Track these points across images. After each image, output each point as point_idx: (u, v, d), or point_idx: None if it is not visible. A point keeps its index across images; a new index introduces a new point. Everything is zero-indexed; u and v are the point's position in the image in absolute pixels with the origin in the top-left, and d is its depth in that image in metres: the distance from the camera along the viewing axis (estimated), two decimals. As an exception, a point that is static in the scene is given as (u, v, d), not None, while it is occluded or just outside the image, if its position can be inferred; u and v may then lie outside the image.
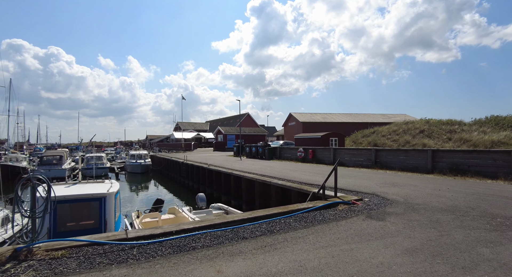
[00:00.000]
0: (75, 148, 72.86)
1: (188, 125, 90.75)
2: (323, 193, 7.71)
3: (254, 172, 14.94)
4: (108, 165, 32.17)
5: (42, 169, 26.99)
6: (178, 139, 57.63)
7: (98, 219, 7.92)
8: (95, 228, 7.86)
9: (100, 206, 7.98)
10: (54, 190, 4.62)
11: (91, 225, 7.94)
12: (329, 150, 19.40)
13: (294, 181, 11.33)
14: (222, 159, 26.05)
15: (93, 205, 8.05)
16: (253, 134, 48.69)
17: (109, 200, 8.11)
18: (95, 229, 7.86)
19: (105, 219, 7.93)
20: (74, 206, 7.89)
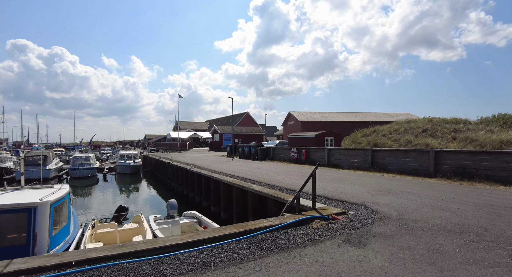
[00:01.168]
0: (72, 147, 72.03)
1: (188, 125, 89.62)
2: (298, 204, 6.28)
3: (237, 175, 13.52)
4: (96, 165, 30.90)
5: (26, 169, 25.75)
6: (174, 138, 56.41)
7: (26, 234, 6.56)
8: (21, 245, 6.52)
9: (29, 218, 6.62)
10: None
11: (17, 242, 6.60)
12: (323, 150, 17.92)
13: (277, 186, 9.91)
14: (212, 160, 24.66)
15: (20, 217, 6.71)
16: (250, 134, 47.25)
17: (41, 211, 6.75)
18: (22, 246, 6.52)
19: (35, 234, 6.56)
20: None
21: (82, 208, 17.13)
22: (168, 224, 9.18)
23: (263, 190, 9.05)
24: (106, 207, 17.34)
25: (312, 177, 6.28)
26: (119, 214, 10.29)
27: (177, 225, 9.27)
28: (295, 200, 6.29)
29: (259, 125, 64.32)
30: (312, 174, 6.27)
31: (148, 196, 21.90)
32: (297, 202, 6.26)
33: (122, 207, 10.57)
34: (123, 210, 10.47)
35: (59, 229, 7.69)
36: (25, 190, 8.30)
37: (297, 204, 6.24)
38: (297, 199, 6.27)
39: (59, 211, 7.82)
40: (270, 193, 8.48)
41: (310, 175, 6.32)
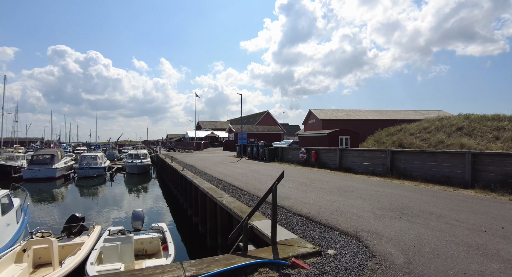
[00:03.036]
0: (96, 146, 73.91)
1: (209, 125, 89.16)
2: (245, 238, 4.10)
3: (224, 179, 11.49)
4: (105, 164, 30.20)
5: (32, 168, 25.50)
6: (192, 138, 55.58)
7: None
8: None
9: None
10: None
11: None
12: (334, 151, 15.39)
13: (258, 197, 7.77)
14: (217, 160, 22.81)
15: None
16: (267, 133, 44.99)
17: None
18: None
19: None
20: None
21: (63, 212, 15.88)
22: (117, 241, 7.31)
23: (231, 204, 6.91)
24: (100, 211, 16.00)
25: (272, 193, 4.09)
26: (70, 225, 8.60)
27: (129, 243, 7.37)
28: (241, 232, 4.11)
29: (279, 125, 61.93)
30: (271, 188, 4.08)
31: (140, 200, 20.32)
32: (244, 235, 4.08)
33: (75, 216, 8.87)
34: (75, 220, 8.77)
35: None
36: None
37: (244, 239, 4.06)
38: (243, 230, 4.08)
39: None
40: (235, 210, 6.33)
41: (269, 190, 4.14)
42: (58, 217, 14.31)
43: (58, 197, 20.57)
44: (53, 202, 18.39)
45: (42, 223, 12.80)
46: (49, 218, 14.19)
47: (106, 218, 13.89)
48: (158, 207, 16.53)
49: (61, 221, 13.69)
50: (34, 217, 14.30)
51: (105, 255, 7.10)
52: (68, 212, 15.64)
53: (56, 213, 15.33)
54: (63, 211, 15.50)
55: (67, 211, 15.42)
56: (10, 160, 28.62)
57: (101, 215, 14.77)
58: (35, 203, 17.78)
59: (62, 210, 15.97)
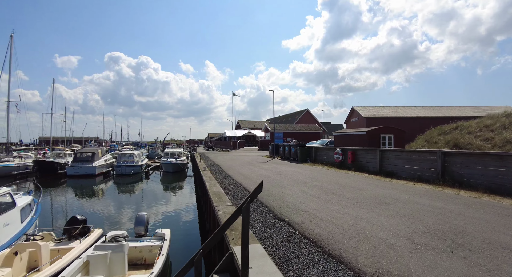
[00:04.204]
0: (143, 145, 77.94)
1: (248, 124, 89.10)
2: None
3: (241, 182, 10.29)
4: (142, 162, 30.84)
5: (75, 165, 26.83)
6: (229, 137, 55.53)
7: None
8: None
9: None
10: None
11: None
12: (373, 152, 13.34)
13: (269, 207, 6.42)
14: (248, 160, 21.73)
15: None
16: (304, 132, 42.90)
17: None
18: None
19: None
20: None
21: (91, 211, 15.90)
22: (107, 250, 6.48)
23: (226, 216, 5.63)
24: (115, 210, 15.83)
25: (242, 216, 2.76)
26: (70, 227, 8.05)
27: (121, 252, 6.49)
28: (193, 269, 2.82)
29: (318, 123, 59.26)
30: (240, 209, 2.74)
31: (165, 199, 19.93)
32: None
33: (75, 218, 8.32)
34: (75, 222, 8.21)
35: None
36: None
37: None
38: (195, 268, 2.79)
39: None
40: (226, 225, 5.03)
41: (235, 212, 2.80)
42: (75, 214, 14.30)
43: (92, 193, 21.13)
44: (84, 198, 18.79)
45: (57, 221, 12.75)
46: (67, 215, 14.23)
47: (119, 219, 13.50)
48: (177, 209, 15.86)
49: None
50: (55, 213, 14.49)
51: (92, 265, 6.29)
52: (90, 210, 15.76)
53: (77, 211, 15.41)
54: (85, 208, 15.55)
55: (89, 208, 15.46)
56: (58, 157, 30.60)
57: (116, 214, 14.48)
58: (76, 199, 18.30)
59: (88, 206, 16.05)
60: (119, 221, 12.76)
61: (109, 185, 25.16)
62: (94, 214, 14.38)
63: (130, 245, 7.30)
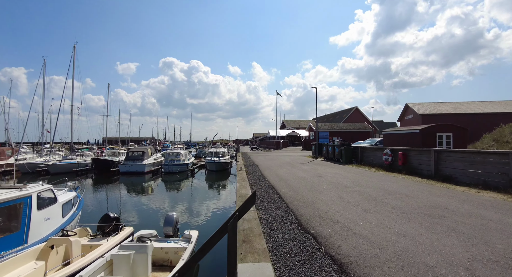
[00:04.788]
0: (193, 144, 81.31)
1: (293, 123, 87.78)
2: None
3: (274, 184, 9.66)
4: (188, 161, 31.79)
5: (127, 163, 28.62)
6: (273, 136, 55.07)
7: None
8: None
9: None
10: None
11: None
12: (428, 153, 11.70)
13: (296, 216, 5.75)
14: (288, 160, 20.98)
15: None
16: (352, 131, 40.48)
17: None
18: None
19: None
20: None
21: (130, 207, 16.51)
22: (132, 249, 6.37)
23: (243, 223, 5.07)
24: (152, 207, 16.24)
25: (228, 236, 2.15)
26: (103, 224, 8.23)
27: (144, 253, 6.33)
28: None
29: (369, 122, 55.78)
30: (225, 225, 2.14)
31: (204, 197, 19.94)
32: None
33: (108, 215, 8.50)
34: (107, 219, 8.37)
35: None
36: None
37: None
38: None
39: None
40: (238, 235, 4.47)
41: (218, 231, 2.20)
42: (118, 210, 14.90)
43: (139, 190, 22.19)
44: (129, 195, 19.75)
45: (98, 217, 13.34)
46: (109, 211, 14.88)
47: (156, 217, 13.70)
48: (213, 209, 15.69)
49: (124, 214, 14.15)
50: (99, 209, 15.26)
51: (116, 264, 6.21)
52: (131, 206, 16.36)
53: (118, 207, 16.09)
54: (127, 205, 16.20)
55: (131, 204, 16.08)
56: (113, 155, 32.99)
57: (154, 212, 14.78)
58: (122, 195, 19.39)
59: (130, 203, 16.74)
60: (155, 219, 12.99)
61: (157, 182, 26.30)
62: (133, 210, 14.92)
63: (157, 246, 7.15)
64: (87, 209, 15.39)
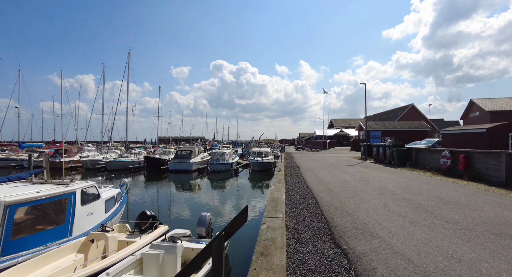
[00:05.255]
0: (240, 144, 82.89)
1: (342, 122, 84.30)
2: None
3: (312, 188, 9.02)
4: (233, 160, 32.19)
5: (175, 161, 29.97)
6: (320, 136, 53.40)
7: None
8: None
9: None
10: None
11: None
12: (497, 156, 10.00)
13: (330, 227, 5.15)
14: (333, 161, 19.91)
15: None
16: (407, 130, 37.20)
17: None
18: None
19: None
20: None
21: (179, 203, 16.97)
22: (161, 249, 6.36)
23: (266, 231, 4.60)
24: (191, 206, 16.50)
25: (213, 273, 1.93)
26: (139, 221, 8.44)
27: (173, 254, 6.26)
28: None
29: (427, 120, 51.00)
30: (204, 255, 1.73)
31: (241, 197, 19.77)
32: None
33: (144, 213, 8.69)
34: (144, 217, 8.57)
35: (28, 233, 6.53)
36: (26, 184, 7.80)
37: None
38: None
39: (30, 213, 6.78)
40: (260, 245, 4.03)
41: (198, 256, 1.79)
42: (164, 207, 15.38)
43: (184, 187, 22.96)
44: (174, 193, 20.46)
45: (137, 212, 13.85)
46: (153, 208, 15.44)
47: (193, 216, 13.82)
48: (252, 209, 15.48)
49: (164, 212, 14.59)
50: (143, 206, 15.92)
51: (145, 263, 6.24)
52: (173, 204, 16.84)
53: (162, 204, 16.64)
54: (169, 202, 16.69)
55: (173, 201, 16.55)
56: (164, 154, 34.82)
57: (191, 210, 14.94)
58: (168, 192, 20.24)
59: (174, 200, 17.26)
60: (194, 218, 13.13)
61: (202, 180, 27.04)
62: (174, 208, 15.32)
63: (188, 246, 7.05)
64: (132, 205, 16.19)
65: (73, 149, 35.64)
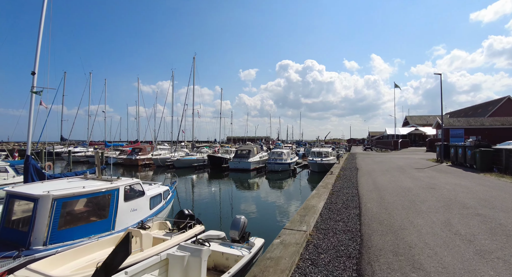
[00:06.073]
0: (304, 143, 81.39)
1: (419, 120, 75.77)
2: None
3: (362, 196, 7.85)
4: (291, 160, 31.46)
5: (235, 160, 30.65)
6: (391, 135, 48.81)
7: (29, 224, 6.45)
8: (24, 232, 6.48)
9: (33, 209, 6.47)
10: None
11: (23, 229, 6.63)
12: None
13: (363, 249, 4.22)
14: (401, 164, 17.63)
15: (30, 206, 6.79)
16: (500, 128, 30.99)
17: (41, 204, 6.46)
18: (24, 234, 6.46)
19: (33, 225, 6.34)
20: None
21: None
22: (187, 251, 6.13)
23: (281, 249, 3.87)
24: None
25: None
26: (177, 220, 8.50)
27: (198, 257, 5.97)
28: None
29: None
30: None
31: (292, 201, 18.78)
32: None
33: (182, 212, 8.72)
34: (182, 216, 8.59)
35: (74, 225, 7.02)
36: (80, 180, 8.45)
37: None
38: None
39: (75, 206, 7.28)
40: (261, 264, 3.35)
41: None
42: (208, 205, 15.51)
43: (244, 186, 23.12)
44: (233, 190, 20.67)
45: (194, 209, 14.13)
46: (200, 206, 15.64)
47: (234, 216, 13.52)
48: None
49: (207, 210, 14.71)
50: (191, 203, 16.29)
51: (171, 264, 6.09)
52: (220, 202, 16.87)
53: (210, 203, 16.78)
54: (217, 201, 16.77)
55: (222, 200, 16.60)
56: (226, 153, 35.95)
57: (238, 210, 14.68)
58: (220, 191, 20.67)
59: (223, 199, 17.35)
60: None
61: (260, 180, 26.99)
62: (220, 207, 15.35)
63: (218, 250, 6.73)
64: (183, 202, 16.76)
65: (147, 148, 39.27)
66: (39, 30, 9.89)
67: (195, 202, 17.26)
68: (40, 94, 9.51)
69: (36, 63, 9.56)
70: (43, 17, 10.02)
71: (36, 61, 9.57)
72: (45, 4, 10.18)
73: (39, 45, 9.82)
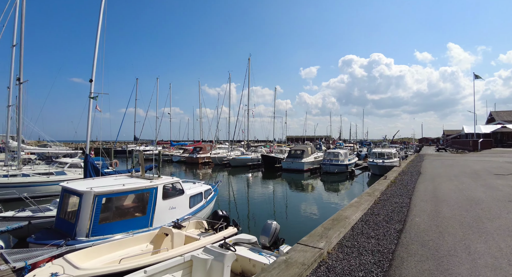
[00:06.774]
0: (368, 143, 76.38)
1: (508, 115, 64.61)
2: None
3: (414, 206, 6.73)
4: (348, 161, 29.60)
5: (288, 160, 30.15)
6: (471, 134, 42.61)
7: (75, 217, 7.15)
8: (72, 223, 7.17)
9: (79, 203, 7.14)
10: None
11: (71, 220, 7.33)
12: None
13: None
14: (478, 168, 15.00)
15: (76, 200, 7.39)
16: None
17: (85, 199, 7.07)
18: (71, 225, 7.15)
19: (78, 218, 7.02)
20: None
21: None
22: (211, 255, 5.97)
23: (288, 267, 3.35)
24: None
25: None
26: (213, 221, 8.50)
27: (220, 262, 5.76)
28: None
29: None
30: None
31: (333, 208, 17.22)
32: None
33: (216, 213, 8.70)
34: (216, 217, 8.56)
35: (114, 220, 7.48)
36: (125, 178, 9.02)
37: None
38: None
39: (115, 203, 7.79)
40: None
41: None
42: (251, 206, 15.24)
43: (297, 187, 22.51)
44: (284, 191, 20.22)
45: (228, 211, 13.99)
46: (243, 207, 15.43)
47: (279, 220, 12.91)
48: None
49: (250, 211, 14.46)
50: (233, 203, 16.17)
51: (195, 266, 5.99)
52: (265, 203, 16.42)
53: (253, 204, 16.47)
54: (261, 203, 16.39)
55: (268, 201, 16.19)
56: (279, 153, 35.65)
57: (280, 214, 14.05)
58: (273, 192, 20.39)
59: (266, 201, 16.94)
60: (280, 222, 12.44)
61: (314, 181, 25.98)
62: (264, 208, 14.97)
63: (244, 255, 6.43)
64: (226, 202, 16.81)
65: (207, 147, 41.20)
66: (95, 45, 10.98)
67: (238, 202, 17.32)
68: (96, 99, 10.50)
69: (93, 72, 10.62)
70: (98, 32, 11.10)
71: (93, 70, 10.63)
72: (100, 20, 11.25)
73: (95, 57, 10.87)
